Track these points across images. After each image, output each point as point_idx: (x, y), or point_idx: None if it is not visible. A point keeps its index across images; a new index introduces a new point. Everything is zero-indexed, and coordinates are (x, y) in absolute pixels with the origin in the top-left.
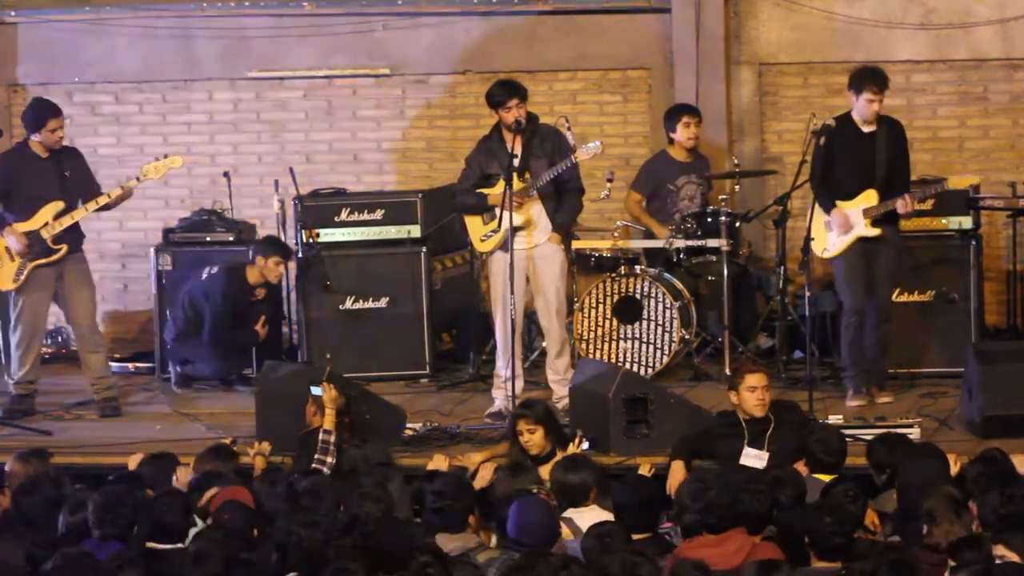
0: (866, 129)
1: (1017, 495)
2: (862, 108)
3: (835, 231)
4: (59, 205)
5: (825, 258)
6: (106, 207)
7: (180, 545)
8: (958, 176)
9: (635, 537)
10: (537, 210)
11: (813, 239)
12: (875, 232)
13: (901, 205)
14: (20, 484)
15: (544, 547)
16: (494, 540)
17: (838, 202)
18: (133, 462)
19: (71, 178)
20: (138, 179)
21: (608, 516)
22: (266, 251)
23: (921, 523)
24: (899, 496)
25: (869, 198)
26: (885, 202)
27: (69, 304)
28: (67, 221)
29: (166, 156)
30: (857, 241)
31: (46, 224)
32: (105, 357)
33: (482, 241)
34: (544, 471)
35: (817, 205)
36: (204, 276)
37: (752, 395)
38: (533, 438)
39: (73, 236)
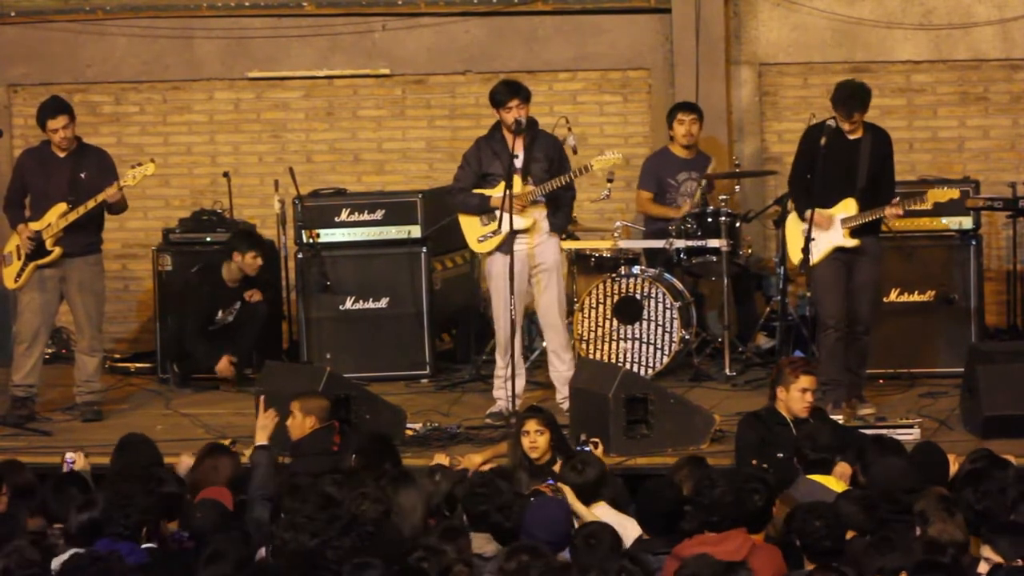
0: (851, 136)
1: (992, 491)
2: (840, 123)
3: (817, 234)
4: (62, 207)
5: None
6: (115, 209)
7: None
8: (940, 190)
9: (645, 537)
10: (538, 212)
11: (792, 250)
12: (854, 243)
13: (891, 213)
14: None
15: (558, 546)
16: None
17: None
18: (182, 465)
19: (85, 180)
20: (119, 187)
21: (615, 514)
22: (240, 246)
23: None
24: None
25: (848, 207)
26: (865, 213)
27: (70, 306)
28: (63, 223)
29: (139, 164)
30: (834, 251)
31: (48, 225)
32: (100, 363)
33: (479, 242)
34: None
35: (793, 213)
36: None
37: (803, 396)
38: (540, 440)
39: (76, 239)
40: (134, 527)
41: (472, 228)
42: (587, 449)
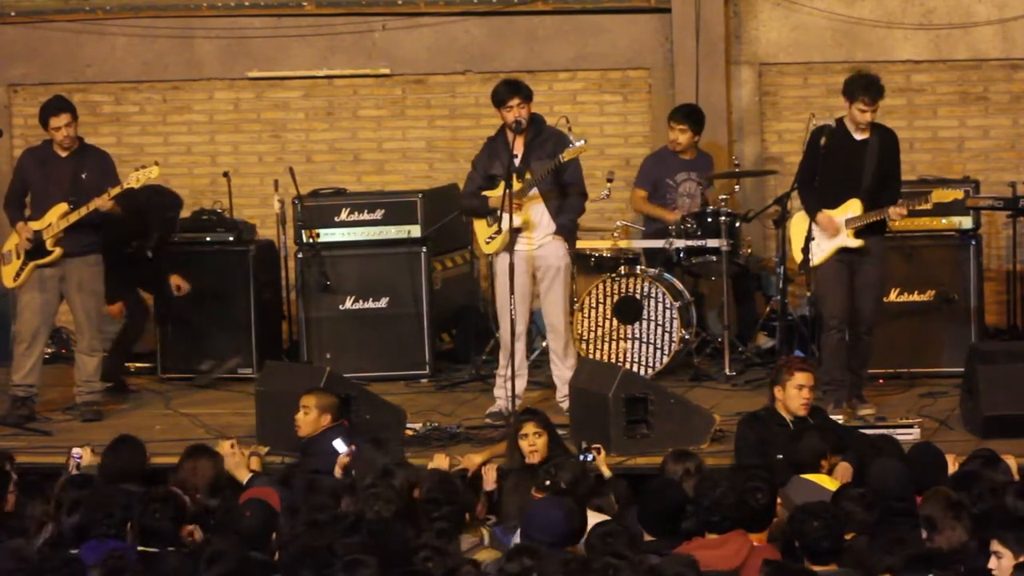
0: (858, 137)
1: (986, 493)
2: (854, 116)
3: (820, 236)
4: (63, 207)
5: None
6: (111, 217)
7: (171, 548)
8: (944, 190)
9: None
10: (539, 210)
11: (795, 250)
12: (857, 243)
13: (895, 213)
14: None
15: (558, 547)
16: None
17: (823, 209)
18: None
19: (87, 180)
20: (121, 187)
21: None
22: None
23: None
24: None
25: (853, 208)
26: (869, 213)
27: (69, 306)
28: (64, 224)
29: (144, 167)
30: (838, 251)
31: (49, 225)
32: (100, 363)
33: (487, 243)
34: None
35: (800, 213)
36: None
37: (799, 393)
38: (538, 442)
39: (76, 239)
40: (118, 526)
41: (481, 231)
42: (590, 456)
